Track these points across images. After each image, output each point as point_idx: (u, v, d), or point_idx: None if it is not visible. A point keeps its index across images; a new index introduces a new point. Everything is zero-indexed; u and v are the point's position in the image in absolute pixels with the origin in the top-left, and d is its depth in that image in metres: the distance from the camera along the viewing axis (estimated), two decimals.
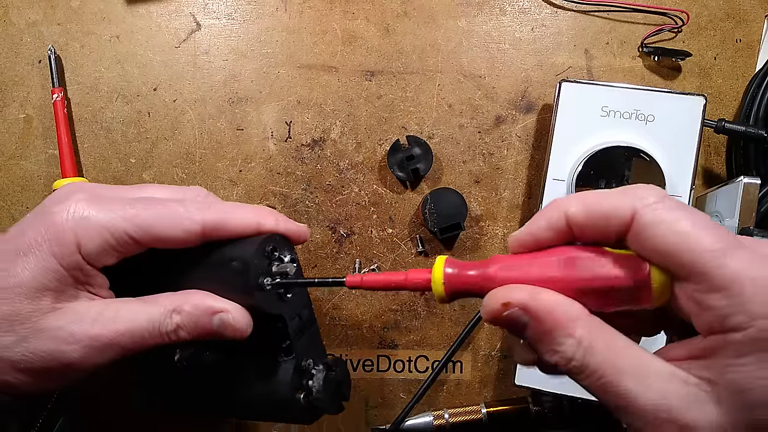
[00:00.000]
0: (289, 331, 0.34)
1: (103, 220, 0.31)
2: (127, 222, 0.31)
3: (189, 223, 0.31)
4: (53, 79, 0.49)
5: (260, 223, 0.33)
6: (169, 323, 0.31)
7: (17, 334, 0.29)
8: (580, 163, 0.44)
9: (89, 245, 0.30)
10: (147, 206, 0.32)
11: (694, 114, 0.44)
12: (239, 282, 0.31)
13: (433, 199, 0.48)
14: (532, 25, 0.51)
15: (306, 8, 0.51)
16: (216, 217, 0.32)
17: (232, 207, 0.33)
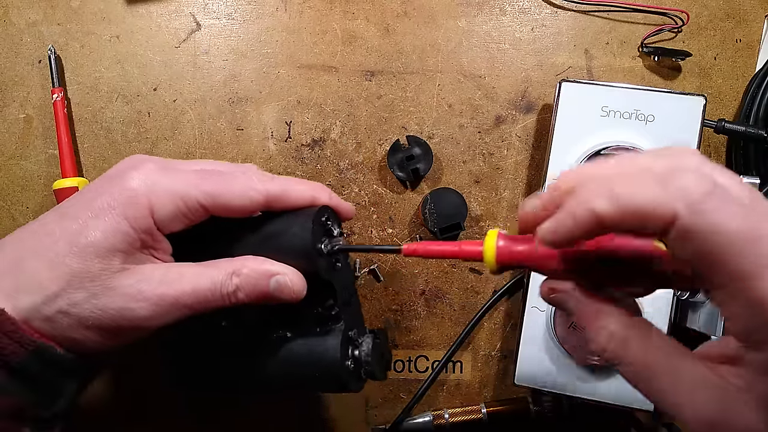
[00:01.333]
0: (339, 299, 0.35)
1: (177, 187, 0.33)
2: (198, 190, 0.33)
3: (254, 193, 0.34)
4: (53, 79, 0.49)
5: (315, 197, 0.36)
6: (229, 284, 0.33)
7: (88, 290, 0.31)
8: (580, 163, 0.44)
9: (162, 211, 0.32)
10: (215, 177, 0.34)
11: (694, 114, 0.44)
12: (299, 246, 0.33)
13: (433, 199, 0.48)
14: (532, 25, 0.51)
15: (306, 8, 0.51)
16: (278, 188, 0.34)
17: (291, 181, 0.36)
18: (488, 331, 0.51)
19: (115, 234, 0.31)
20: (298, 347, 0.36)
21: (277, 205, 0.35)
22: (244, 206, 0.34)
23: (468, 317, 0.50)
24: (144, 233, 0.32)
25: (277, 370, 0.36)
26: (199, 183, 0.33)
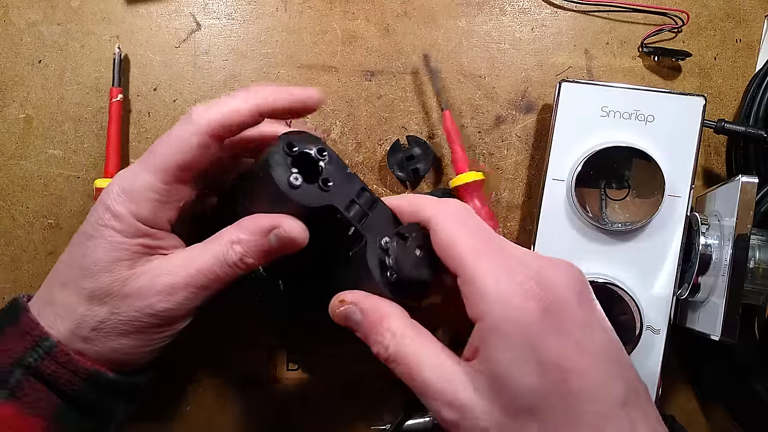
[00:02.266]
0: (348, 217, 0.33)
1: (137, 182, 0.34)
2: (151, 172, 0.33)
3: (195, 131, 0.32)
4: (113, 79, 0.48)
5: (258, 104, 0.33)
6: (232, 254, 0.33)
7: (107, 304, 0.33)
8: (580, 163, 0.44)
9: (142, 211, 0.33)
10: (155, 146, 0.34)
11: (693, 114, 0.44)
12: (272, 190, 0.32)
13: None
14: (532, 25, 0.51)
15: (306, 8, 0.51)
16: (217, 111, 0.32)
17: (230, 97, 0.34)
18: None
19: (112, 247, 0.33)
20: (337, 280, 0.35)
21: (229, 131, 0.33)
22: (196, 154, 0.33)
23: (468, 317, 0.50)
24: (140, 237, 0.34)
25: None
26: (147, 164, 0.34)
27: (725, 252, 0.42)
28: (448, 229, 0.30)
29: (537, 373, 0.26)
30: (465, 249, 0.29)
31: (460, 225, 0.30)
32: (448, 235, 0.30)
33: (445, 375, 0.28)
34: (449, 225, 0.30)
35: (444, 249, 0.30)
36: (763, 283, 0.42)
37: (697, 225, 0.44)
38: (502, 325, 0.27)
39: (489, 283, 0.28)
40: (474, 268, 0.28)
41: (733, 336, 0.41)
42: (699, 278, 0.43)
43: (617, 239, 0.45)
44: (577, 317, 0.27)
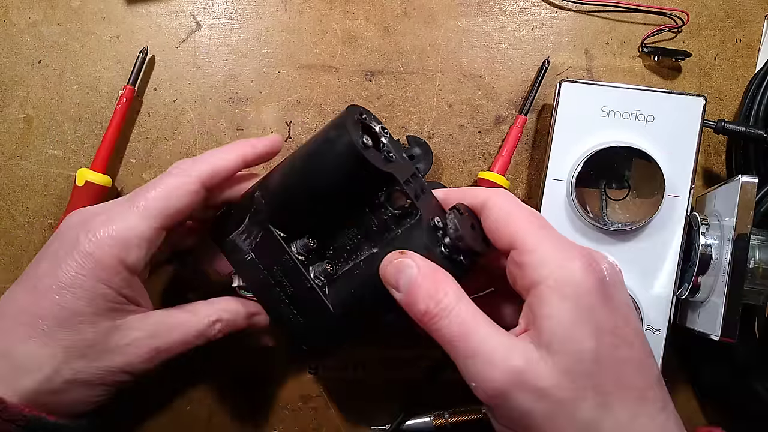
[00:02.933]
0: (406, 190, 0.34)
1: (130, 229, 0.33)
2: (145, 218, 0.34)
3: (189, 182, 0.35)
4: (130, 78, 0.49)
5: (244, 154, 0.38)
6: (212, 331, 0.37)
7: (87, 357, 0.32)
8: (580, 163, 0.44)
9: (130, 258, 0.33)
10: (146, 193, 0.35)
11: (693, 114, 0.44)
12: (341, 151, 0.33)
13: None
14: (532, 25, 0.51)
15: (306, 8, 0.51)
16: (206, 164, 0.36)
17: (214, 151, 0.38)
18: None
19: (96, 299, 0.32)
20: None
21: (217, 180, 0.37)
22: (190, 201, 0.35)
23: None
24: (124, 288, 0.34)
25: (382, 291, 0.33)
26: (141, 211, 0.34)
27: (725, 252, 0.42)
28: (505, 205, 0.31)
29: (595, 336, 0.27)
30: (525, 221, 0.30)
31: (516, 203, 0.32)
32: (506, 210, 0.31)
33: (501, 339, 0.28)
34: (506, 202, 0.32)
35: (502, 223, 0.31)
36: (763, 283, 0.42)
37: (697, 225, 0.44)
38: (564, 288, 0.28)
39: (550, 250, 0.29)
40: (535, 237, 0.30)
41: (733, 336, 0.41)
42: (699, 278, 0.43)
43: (617, 239, 0.45)
44: (623, 297, 0.29)
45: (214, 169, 0.36)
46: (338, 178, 0.34)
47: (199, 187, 0.36)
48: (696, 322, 0.45)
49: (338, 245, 0.37)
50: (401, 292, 0.31)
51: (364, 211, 0.36)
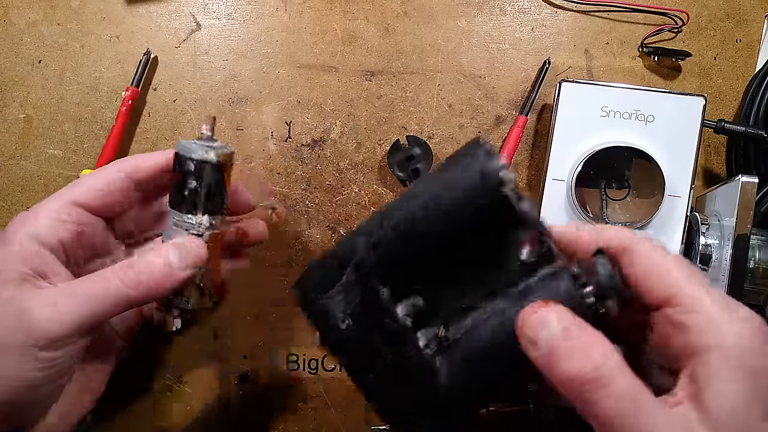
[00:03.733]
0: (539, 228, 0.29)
1: (40, 205, 0.34)
2: (57, 197, 0.34)
3: (112, 170, 0.36)
4: (134, 79, 0.49)
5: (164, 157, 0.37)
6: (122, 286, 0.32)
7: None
8: (580, 163, 0.44)
9: (38, 229, 0.33)
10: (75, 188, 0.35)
11: (693, 114, 0.44)
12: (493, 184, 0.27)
13: None
14: (532, 25, 0.51)
15: (306, 8, 0.51)
16: (131, 160, 0.37)
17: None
18: None
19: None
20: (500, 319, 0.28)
21: (140, 175, 0.36)
22: (111, 183, 0.36)
23: None
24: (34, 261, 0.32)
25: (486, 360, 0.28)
26: (58, 193, 0.35)
27: (725, 252, 0.42)
28: (656, 254, 0.28)
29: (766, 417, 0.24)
30: (683, 275, 0.27)
31: (665, 252, 0.28)
32: (658, 260, 0.27)
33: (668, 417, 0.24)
34: (655, 250, 0.28)
35: (655, 275, 0.27)
36: (763, 283, 0.42)
37: (697, 225, 0.44)
38: (737, 359, 0.25)
39: (717, 311, 0.26)
40: (698, 294, 0.26)
41: None
42: None
43: None
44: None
45: (137, 162, 0.37)
46: (478, 220, 0.29)
47: (123, 175, 0.36)
48: None
49: (449, 304, 0.30)
50: (541, 349, 0.25)
51: (486, 261, 0.30)
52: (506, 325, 0.27)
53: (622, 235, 0.29)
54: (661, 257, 0.27)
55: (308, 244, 0.50)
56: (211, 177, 0.36)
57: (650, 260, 0.27)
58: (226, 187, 0.36)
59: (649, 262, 0.27)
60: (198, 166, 0.35)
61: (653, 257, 0.27)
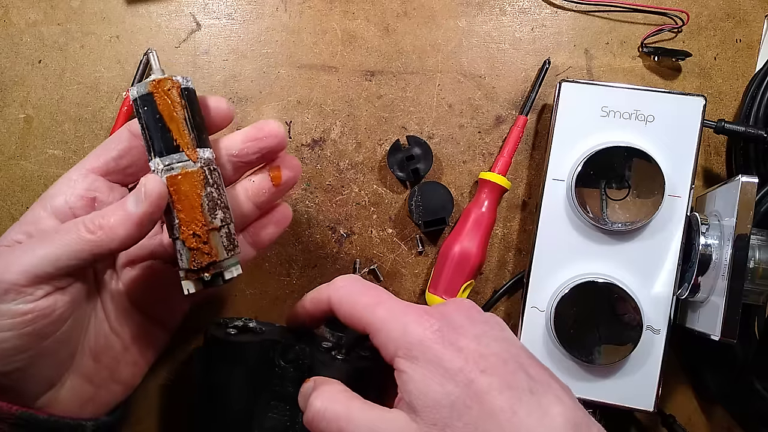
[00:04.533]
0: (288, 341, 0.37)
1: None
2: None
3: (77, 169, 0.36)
4: (134, 80, 0.49)
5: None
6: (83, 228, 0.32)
7: None
8: (580, 163, 0.44)
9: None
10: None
11: (693, 114, 0.44)
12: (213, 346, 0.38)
13: (420, 191, 0.48)
14: (532, 25, 0.51)
15: (306, 8, 0.51)
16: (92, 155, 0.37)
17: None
18: None
19: None
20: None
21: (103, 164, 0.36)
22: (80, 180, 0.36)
23: None
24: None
25: None
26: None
27: (725, 252, 0.42)
28: (344, 296, 0.34)
29: (447, 381, 0.29)
30: (361, 306, 0.33)
31: (351, 288, 0.35)
32: (346, 301, 0.34)
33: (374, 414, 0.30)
34: (343, 293, 0.34)
35: (348, 315, 0.34)
36: (763, 283, 0.42)
37: (697, 225, 0.44)
38: (409, 353, 0.30)
39: (391, 324, 0.32)
40: (374, 318, 0.32)
41: (733, 336, 0.40)
42: (699, 278, 0.43)
43: (617, 239, 0.45)
44: (470, 332, 0.31)
45: (97, 154, 0.37)
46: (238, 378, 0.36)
47: (129, 134, 0.36)
48: (696, 322, 0.45)
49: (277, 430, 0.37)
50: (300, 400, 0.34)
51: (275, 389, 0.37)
52: None
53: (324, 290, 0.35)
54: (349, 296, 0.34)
55: (308, 243, 0.50)
56: (144, 114, 0.33)
57: (343, 303, 0.34)
58: (166, 120, 0.33)
59: (343, 306, 0.34)
60: (135, 106, 0.34)
61: (344, 299, 0.34)
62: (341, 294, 0.34)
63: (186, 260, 0.33)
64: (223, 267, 0.34)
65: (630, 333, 0.43)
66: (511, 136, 0.49)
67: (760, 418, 0.47)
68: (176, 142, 0.33)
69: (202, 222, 0.33)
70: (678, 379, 0.50)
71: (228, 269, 0.34)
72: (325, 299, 0.35)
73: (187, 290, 0.33)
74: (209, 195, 0.33)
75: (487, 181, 0.48)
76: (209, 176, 0.33)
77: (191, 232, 0.33)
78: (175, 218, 0.33)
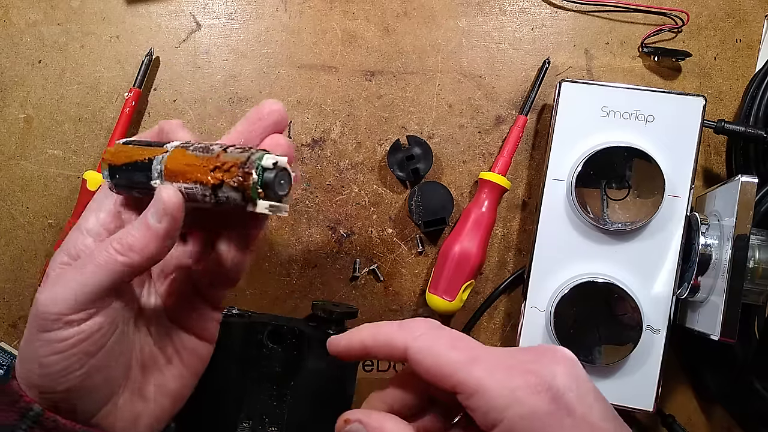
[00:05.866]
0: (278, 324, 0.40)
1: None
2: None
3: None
4: (136, 80, 0.49)
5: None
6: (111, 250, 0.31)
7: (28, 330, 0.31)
8: (580, 163, 0.44)
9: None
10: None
11: (693, 114, 0.44)
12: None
13: (420, 191, 0.48)
14: (532, 25, 0.51)
15: (306, 8, 0.51)
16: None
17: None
18: (488, 331, 0.51)
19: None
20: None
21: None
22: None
23: (467, 317, 0.50)
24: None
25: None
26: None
27: (725, 252, 0.42)
28: (425, 351, 0.30)
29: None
30: (455, 363, 0.29)
31: (435, 343, 0.30)
32: (432, 356, 0.30)
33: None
34: (424, 347, 0.30)
35: (433, 373, 0.29)
36: (762, 283, 0.42)
37: (696, 225, 0.44)
38: (519, 424, 0.27)
39: (493, 388, 0.28)
40: (469, 378, 0.28)
41: (732, 336, 0.41)
42: (699, 278, 0.43)
43: (617, 239, 0.45)
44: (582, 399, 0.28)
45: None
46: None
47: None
48: (696, 322, 0.45)
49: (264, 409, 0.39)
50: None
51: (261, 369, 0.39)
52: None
53: (397, 338, 0.31)
54: (436, 350, 0.30)
55: (308, 244, 0.50)
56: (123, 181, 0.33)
57: (429, 357, 0.30)
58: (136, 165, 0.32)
59: (429, 359, 0.30)
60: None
61: (428, 353, 0.30)
62: (421, 345, 0.30)
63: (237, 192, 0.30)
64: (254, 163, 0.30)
65: (630, 333, 0.43)
66: (511, 136, 0.49)
67: (759, 418, 0.47)
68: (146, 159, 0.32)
69: (207, 162, 0.30)
70: (678, 379, 0.50)
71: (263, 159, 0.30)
72: (401, 347, 0.31)
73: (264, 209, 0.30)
74: (195, 147, 0.31)
75: (487, 181, 0.48)
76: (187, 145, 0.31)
77: (209, 177, 0.30)
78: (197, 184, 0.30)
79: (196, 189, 0.30)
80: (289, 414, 0.39)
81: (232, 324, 0.39)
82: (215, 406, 0.39)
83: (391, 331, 0.31)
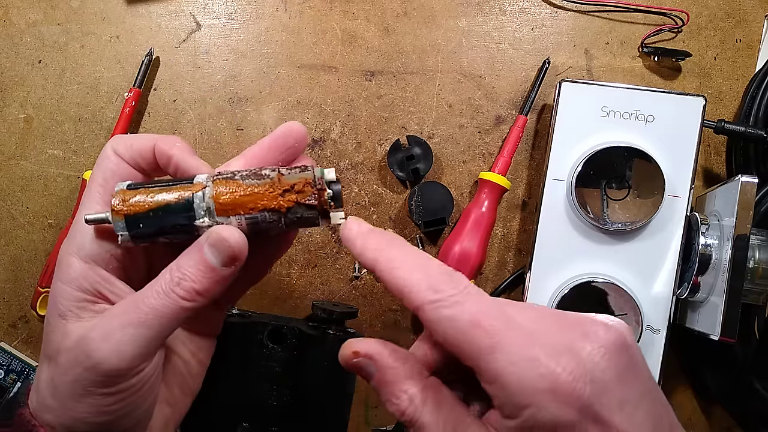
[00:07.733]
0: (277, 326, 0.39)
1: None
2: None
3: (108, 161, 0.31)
4: (136, 80, 0.49)
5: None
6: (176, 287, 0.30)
7: (54, 361, 0.30)
8: (580, 163, 0.44)
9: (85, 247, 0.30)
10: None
11: (693, 114, 0.44)
12: None
13: (420, 191, 0.48)
14: (532, 25, 0.51)
15: (306, 8, 0.51)
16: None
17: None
18: None
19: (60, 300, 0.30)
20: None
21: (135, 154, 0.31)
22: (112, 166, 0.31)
23: None
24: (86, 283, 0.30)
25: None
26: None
27: (725, 252, 0.42)
28: (449, 323, 0.27)
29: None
30: (476, 348, 0.26)
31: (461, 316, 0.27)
32: (452, 331, 0.26)
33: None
34: (449, 318, 0.27)
35: (453, 349, 0.27)
36: (762, 283, 0.42)
37: (696, 225, 0.44)
38: (536, 427, 0.25)
39: (512, 383, 0.25)
40: (489, 369, 0.25)
41: (732, 336, 0.41)
42: (699, 278, 0.43)
43: (617, 239, 0.45)
44: (622, 405, 0.26)
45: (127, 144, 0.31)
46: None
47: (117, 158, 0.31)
48: (696, 322, 0.45)
49: (264, 409, 0.39)
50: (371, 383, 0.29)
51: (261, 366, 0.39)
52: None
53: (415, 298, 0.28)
54: (460, 324, 0.26)
55: (309, 244, 0.50)
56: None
57: (450, 330, 0.27)
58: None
59: (450, 335, 0.27)
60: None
61: (452, 325, 0.27)
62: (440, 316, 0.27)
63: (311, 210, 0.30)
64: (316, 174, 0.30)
65: None
66: (511, 136, 0.49)
67: (759, 418, 0.47)
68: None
69: (272, 187, 0.29)
70: (678, 379, 0.50)
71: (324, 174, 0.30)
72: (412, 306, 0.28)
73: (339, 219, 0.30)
74: (244, 176, 0.30)
75: (487, 181, 0.48)
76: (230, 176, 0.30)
77: (280, 201, 0.29)
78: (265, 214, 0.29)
79: (262, 216, 0.30)
80: (289, 414, 0.39)
81: (233, 324, 0.39)
82: (215, 406, 0.39)
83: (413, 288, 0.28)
